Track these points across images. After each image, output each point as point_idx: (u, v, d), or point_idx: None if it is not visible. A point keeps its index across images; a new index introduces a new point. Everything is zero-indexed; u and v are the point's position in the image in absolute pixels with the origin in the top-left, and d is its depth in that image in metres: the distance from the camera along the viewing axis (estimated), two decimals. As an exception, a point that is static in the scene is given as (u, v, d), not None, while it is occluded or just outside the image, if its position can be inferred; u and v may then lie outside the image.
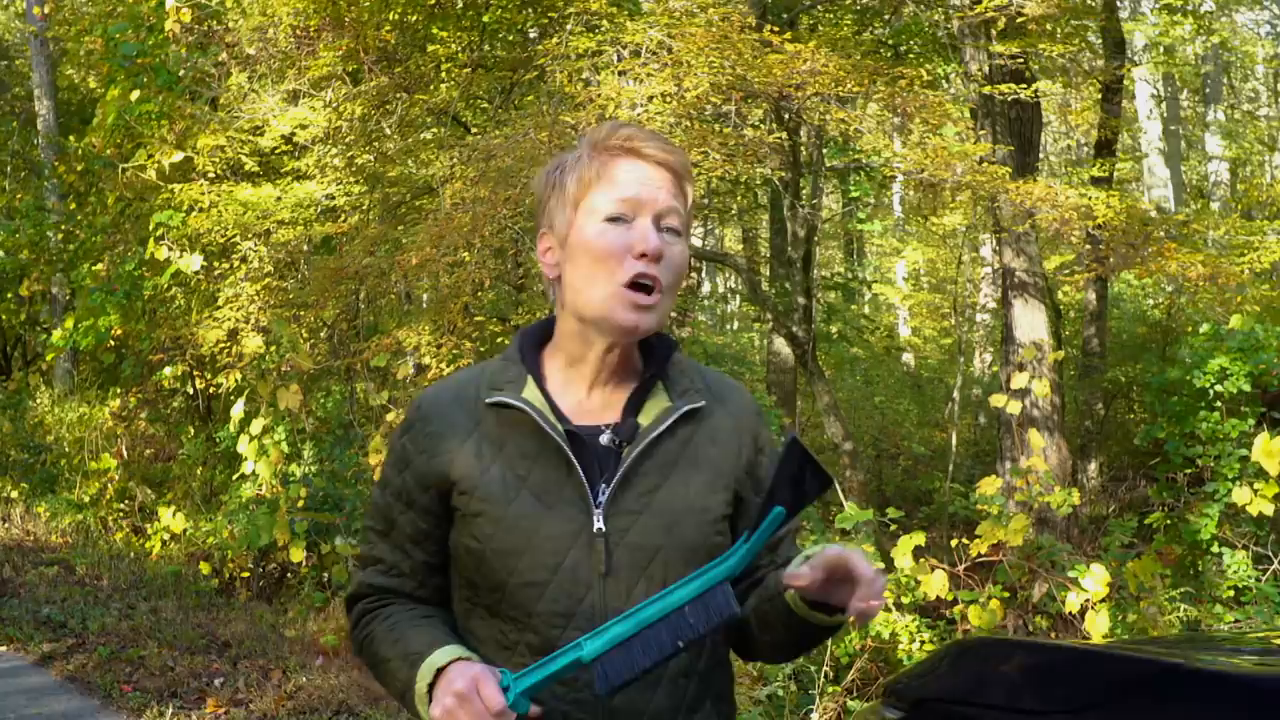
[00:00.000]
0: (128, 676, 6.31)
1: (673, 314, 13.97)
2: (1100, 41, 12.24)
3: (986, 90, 8.81)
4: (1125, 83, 18.70)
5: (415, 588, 1.78)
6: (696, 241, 20.25)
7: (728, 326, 25.39)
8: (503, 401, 1.68)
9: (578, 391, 1.73)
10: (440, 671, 1.59)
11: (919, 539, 6.49)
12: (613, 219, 1.66)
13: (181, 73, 10.12)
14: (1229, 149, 19.34)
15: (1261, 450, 7.27)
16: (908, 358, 19.93)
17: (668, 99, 7.30)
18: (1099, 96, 12.38)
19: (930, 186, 9.16)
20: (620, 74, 7.52)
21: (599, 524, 1.64)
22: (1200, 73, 19.57)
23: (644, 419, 1.71)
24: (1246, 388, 7.60)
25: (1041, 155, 24.18)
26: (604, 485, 1.66)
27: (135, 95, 10.10)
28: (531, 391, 1.70)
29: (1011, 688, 1.84)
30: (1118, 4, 15.26)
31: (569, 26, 8.02)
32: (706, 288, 22.07)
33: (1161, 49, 17.23)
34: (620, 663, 1.52)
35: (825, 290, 19.29)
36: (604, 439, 1.69)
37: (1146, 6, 17.52)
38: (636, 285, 1.64)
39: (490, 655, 1.67)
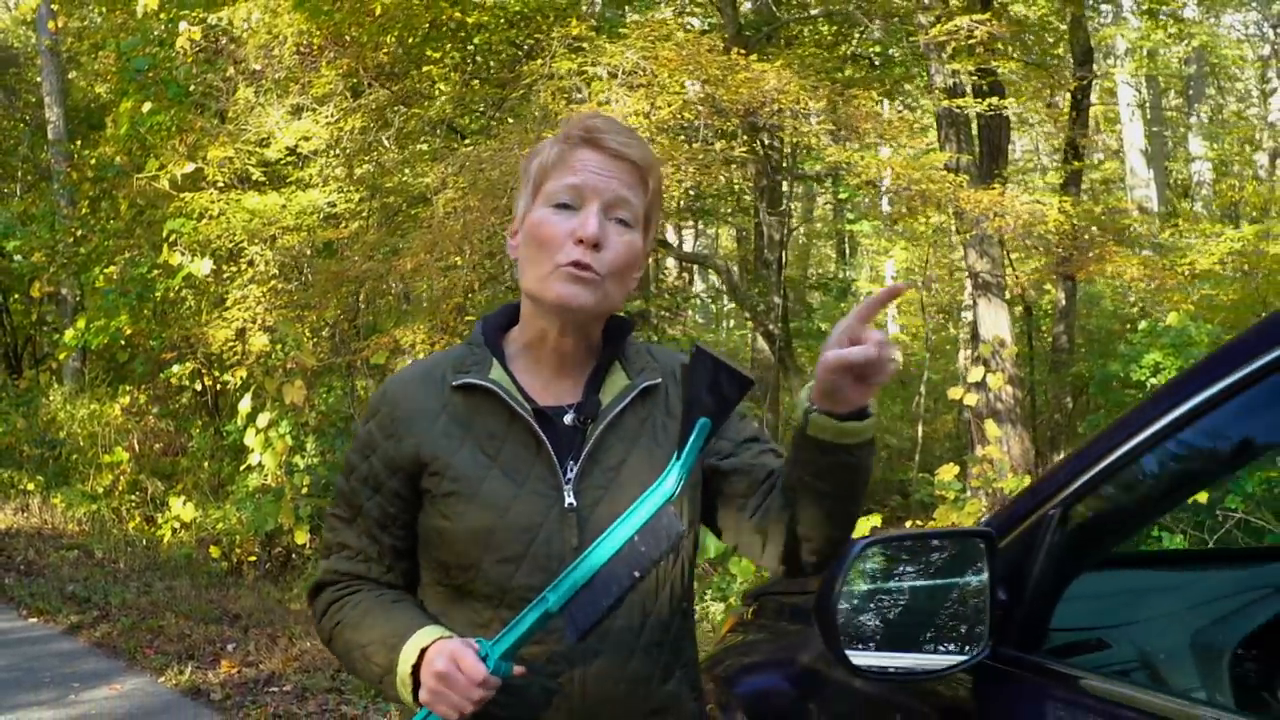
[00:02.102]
0: (149, 642, 7.09)
1: (664, 312, 14.73)
2: (1069, 51, 12.99)
3: (945, 104, 9.56)
4: (1107, 84, 19.45)
5: (383, 573, 1.81)
6: (688, 243, 20.96)
7: (724, 324, 26.14)
8: (470, 383, 1.73)
9: (540, 373, 1.78)
10: (424, 652, 1.62)
11: (875, 520, 7.26)
12: (561, 205, 1.69)
13: (191, 87, 10.88)
14: (1210, 150, 20.02)
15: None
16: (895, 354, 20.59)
17: (642, 116, 8.06)
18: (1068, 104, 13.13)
19: (896, 193, 9.87)
20: (598, 94, 8.25)
21: (570, 499, 1.68)
22: (1183, 75, 20.27)
23: (605, 396, 1.76)
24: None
25: (1028, 160, 24.91)
26: (571, 462, 1.71)
27: (147, 107, 10.85)
28: (498, 373, 1.75)
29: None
30: (1092, 12, 16.04)
31: (553, 48, 8.77)
32: (700, 286, 22.77)
33: (1144, 52, 17.97)
34: (585, 606, 1.56)
35: (811, 290, 20.08)
36: (568, 418, 1.74)
37: (1129, 11, 18.20)
38: (574, 267, 1.68)
39: (464, 635, 1.68)
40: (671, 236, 18.92)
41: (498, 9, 9.63)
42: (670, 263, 18.94)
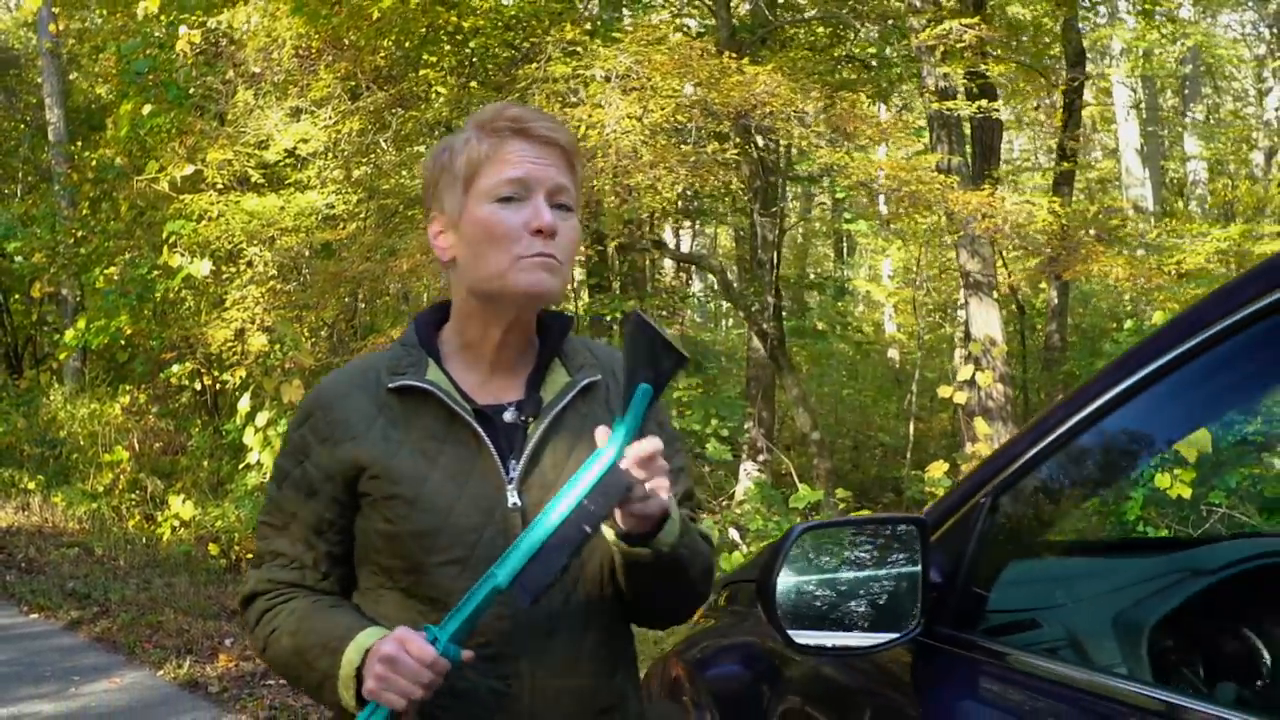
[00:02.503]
0: (148, 637, 7.24)
1: (662, 312, 14.82)
2: (1061, 52, 13.13)
3: (935, 106, 9.69)
4: (1103, 84, 19.59)
5: (318, 580, 1.78)
6: (685, 243, 21.08)
7: (723, 323, 26.29)
8: (408, 385, 1.72)
9: (478, 372, 1.77)
10: (368, 651, 1.60)
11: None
12: (505, 199, 1.69)
13: (191, 90, 11.03)
14: (1206, 149, 20.16)
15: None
16: (893, 353, 20.80)
17: (635, 119, 8.20)
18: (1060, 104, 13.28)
19: (888, 195, 10.01)
20: (590, 98, 8.39)
21: (514, 499, 1.69)
22: (1179, 75, 20.42)
23: (546, 394, 1.76)
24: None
25: (1026, 158, 25.04)
26: (514, 461, 1.71)
27: (147, 109, 11.00)
28: (435, 373, 1.74)
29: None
30: (1089, 11, 16.18)
31: (548, 52, 8.91)
32: (698, 285, 22.92)
33: (1140, 52, 18.11)
34: (536, 572, 1.56)
35: (806, 288, 20.21)
36: (508, 416, 1.74)
37: (1124, 11, 18.34)
38: (538, 257, 1.68)
39: None
40: (669, 236, 19.08)
41: (493, 12, 9.76)
42: (668, 262, 19.09)
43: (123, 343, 12.53)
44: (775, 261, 11.69)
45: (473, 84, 10.70)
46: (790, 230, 24.48)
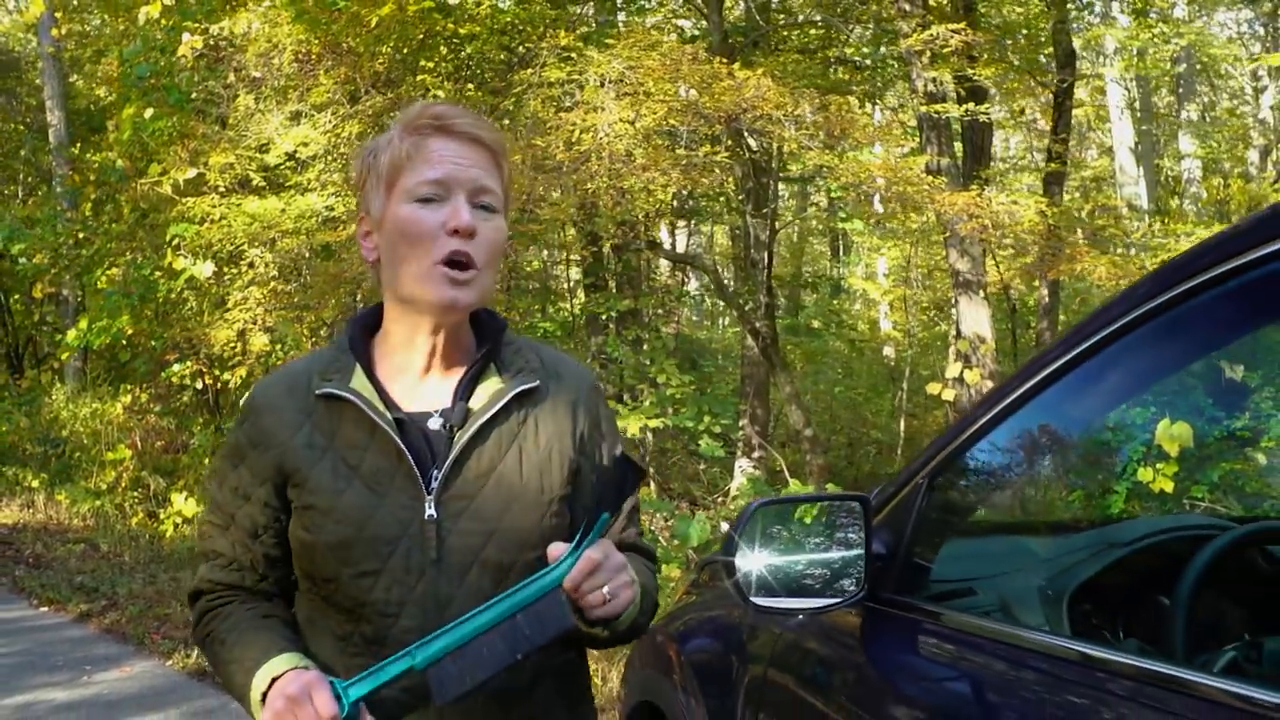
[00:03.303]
0: (156, 629, 7.51)
1: (659, 311, 15.06)
2: (1052, 53, 13.38)
3: (923, 109, 9.95)
4: (1098, 83, 19.85)
5: (256, 581, 1.79)
6: (681, 242, 21.33)
7: (720, 321, 26.55)
8: (330, 393, 1.70)
9: (409, 377, 1.75)
10: (275, 681, 1.60)
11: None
12: (425, 200, 1.67)
13: (192, 94, 11.28)
14: (1200, 148, 20.43)
15: (1161, 434, 8.47)
16: (889, 351, 21.07)
17: (628, 123, 8.45)
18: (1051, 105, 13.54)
19: (875, 195, 10.27)
20: (585, 103, 8.64)
21: (430, 510, 1.66)
22: (1173, 73, 20.66)
23: (475, 403, 1.73)
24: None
25: (1023, 155, 25.25)
26: (435, 471, 1.68)
27: (149, 113, 11.25)
28: (360, 380, 1.72)
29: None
30: (1082, 9, 16.42)
31: (543, 58, 9.17)
32: (694, 285, 23.17)
33: (1134, 51, 18.36)
34: (454, 673, 1.56)
35: (800, 287, 20.45)
36: (433, 424, 1.72)
37: (1118, 10, 18.59)
38: (451, 263, 1.66)
39: (328, 647, 1.71)
40: (665, 236, 19.33)
41: (489, 19, 10.02)
42: (664, 262, 19.34)
43: (124, 343, 12.78)
44: (767, 261, 11.94)
45: (469, 87, 10.97)
46: (785, 229, 24.76)
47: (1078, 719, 1.54)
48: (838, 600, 2.05)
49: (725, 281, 19.58)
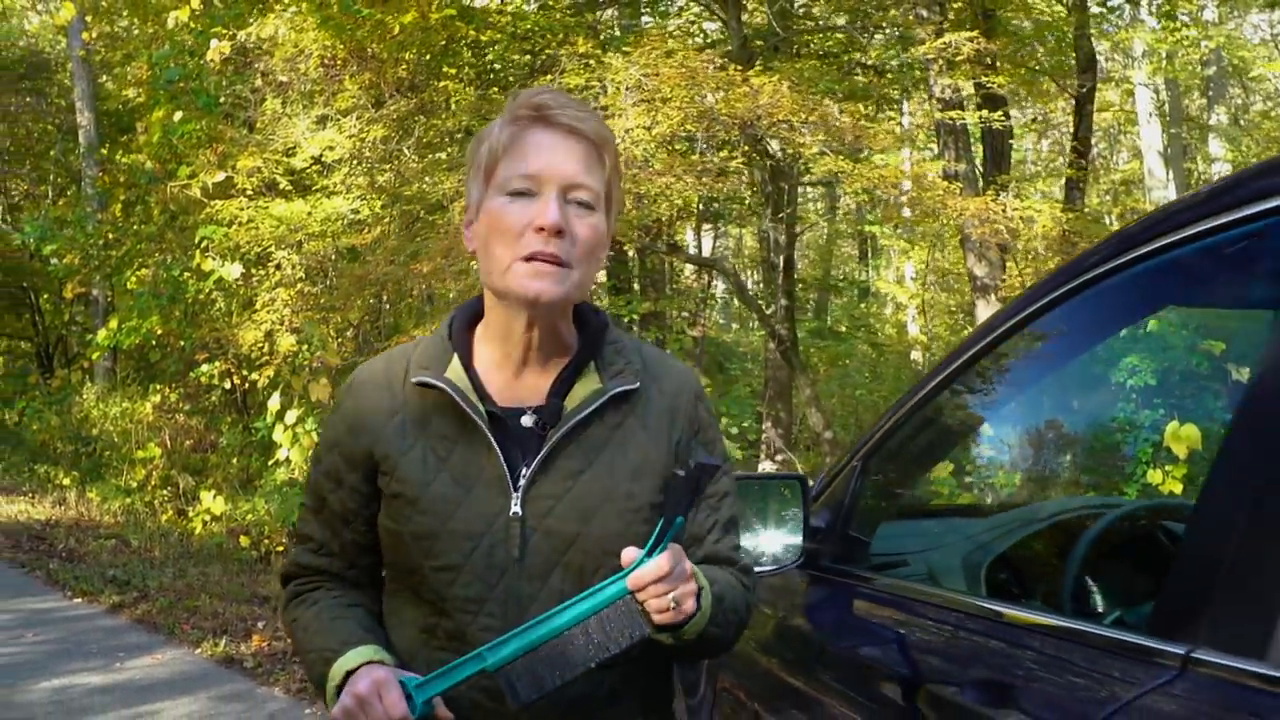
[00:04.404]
0: (186, 619, 7.93)
1: (683, 314, 15.37)
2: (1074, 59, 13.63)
3: (938, 116, 10.27)
4: (1126, 86, 20.04)
5: (344, 568, 1.81)
6: (707, 245, 21.65)
7: (749, 323, 26.87)
8: (425, 381, 1.70)
9: (506, 371, 1.73)
10: (350, 675, 1.61)
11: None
12: (517, 193, 1.64)
13: (220, 98, 11.72)
14: (1231, 151, 20.59)
15: (1170, 436, 8.75)
16: (916, 355, 21.34)
17: (644, 129, 8.81)
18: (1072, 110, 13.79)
19: (888, 202, 10.59)
20: (604, 108, 9.01)
21: (515, 508, 1.65)
22: (1203, 76, 20.85)
23: (570, 401, 1.71)
24: (1154, 382, 9.03)
25: (1053, 158, 25.40)
26: (525, 469, 1.67)
27: (178, 116, 11.68)
28: (455, 371, 1.71)
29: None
30: (1109, 13, 16.64)
31: (562, 65, 9.55)
32: (721, 288, 23.52)
33: (1163, 55, 18.56)
34: (528, 676, 1.56)
35: (825, 290, 20.74)
36: (526, 420, 1.70)
37: (1146, 13, 18.79)
38: (535, 259, 1.63)
39: (412, 639, 1.72)
40: (690, 238, 19.68)
41: (509, 26, 10.40)
42: (689, 265, 19.70)
43: (154, 343, 13.22)
44: (787, 265, 12.28)
45: (493, 91, 11.37)
46: (812, 232, 25.03)
47: (985, 662, 1.86)
48: (774, 567, 2.40)
49: (750, 284, 19.91)
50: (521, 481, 1.66)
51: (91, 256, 14.45)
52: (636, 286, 15.26)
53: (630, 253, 13.35)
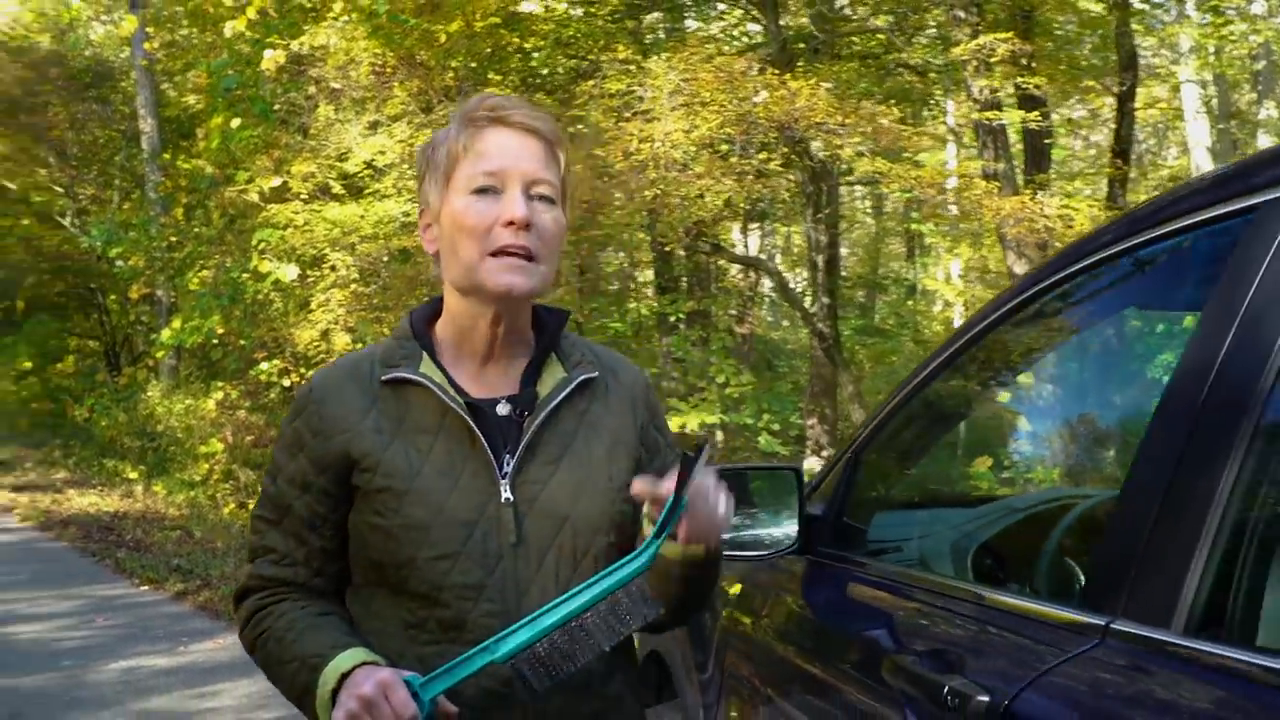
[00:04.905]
0: (246, 607, 8.22)
1: (731, 312, 15.53)
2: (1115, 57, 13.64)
3: (975, 116, 10.35)
4: (1173, 81, 19.91)
5: (310, 576, 1.77)
6: (754, 243, 21.76)
7: (797, 322, 26.93)
8: (400, 377, 1.72)
9: (471, 366, 1.77)
10: (345, 676, 1.58)
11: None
12: (481, 190, 1.68)
13: (276, 106, 12.02)
14: None
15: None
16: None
17: (684, 133, 8.98)
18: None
19: (924, 201, 10.68)
20: (644, 113, 9.19)
21: (506, 494, 1.68)
22: (1252, 71, 20.67)
23: (542, 389, 1.75)
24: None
25: (1102, 154, 25.24)
26: (508, 455, 1.70)
27: (236, 123, 12.00)
28: (428, 366, 1.73)
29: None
30: (1155, 8, 16.60)
31: (604, 70, 9.74)
32: (768, 285, 23.63)
33: (1210, 50, 18.46)
34: (539, 666, 1.56)
35: (869, 287, 20.79)
36: (502, 410, 1.73)
37: (1192, 8, 18.67)
38: (505, 253, 1.67)
39: (396, 637, 1.69)
40: (737, 236, 19.82)
41: (552, 33, 10.61)
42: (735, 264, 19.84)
43: (215, 342, 13.57)
44: (828, 264, 12.40)
45: (539, 95, 11.59)
46: (860, 229, 25.08)
47: (966, 641, 2.01)
48: (771, 551, 2.58)
49: (799, 282, 20.02)
50: (508, 468, 1.69)
51: (155, 259, 14.82)
52: (684, 286, 15.41)
53: (678, 252, 13.51)
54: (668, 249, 12.20)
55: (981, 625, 1.93)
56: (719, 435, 12.90)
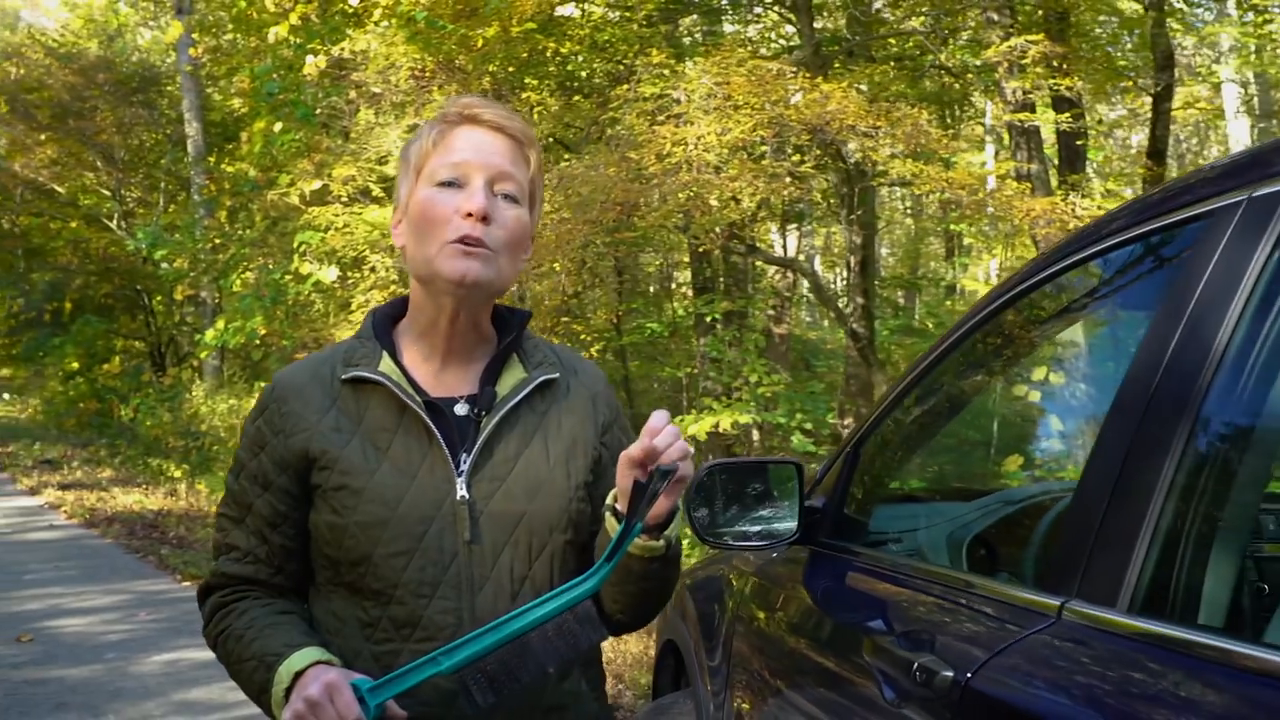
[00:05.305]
0: (285, 603, 8.42)
1: (769, 311, 15.63)
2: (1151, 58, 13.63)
3: (1006, 117, 10.40)
4: (1214, 79, 19.81)
5: (271, 574, 1.79)
6: (786, 246, 21.84)
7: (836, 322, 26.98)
8: (359, 376, 1.74)
9: (432, 364, 1.79)
10: (298, 675, 1.61)
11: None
12: (445, 183, 1.71)
13: (317, 110, 12.25)
14: (1323, 144, 20.18)
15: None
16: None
17: (716, 136, 9.09)
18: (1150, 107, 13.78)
19: (954, 203, 10.72)
20: (677, 116, 9.31)
21: (462, 491, 1.70)
22: (1294, 68, 20.50)
23: (501, 388, 1.77)
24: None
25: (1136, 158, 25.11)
26: (465, 454, 1.72)
27: (278, 127, 12.23)
28: (387, 365, 1.75)
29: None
30: (1196, 6, 16.54)
31: (638, 75, 9.88)
32: (806, 284, 23.70)
33: (1251, 48, 18.34)
34: (484, 680, 1.57)
35: (905, 287, 20.81)
36: (460, 409, 1.76)
37: (1232, 7, 18.57)
38: (462, 243, 1.69)
39: (353, 636, 1.72)
40: (775, 237, 19.91)
41: (587, 37, 10.76)
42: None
43: (258, 342, 13.80)
44: (863, 264, 12.48)
45: (578, 98, 11.74)
46: (900, 229, 25.09)
47: (939, 623, 2.12)
48: (772, 541, 2.70)
49: (835, 283, 20.05)
50: (464, 466, 1.72)
51: (199, 260, 15.11)
52: (721, 286, 15.50)
53: (715, 253, 13.62)
54: (701, 250, 12.31)
55: (957, 608, 2.04)
56: (755, 435, 13.00)
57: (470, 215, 1.68)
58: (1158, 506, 1.57)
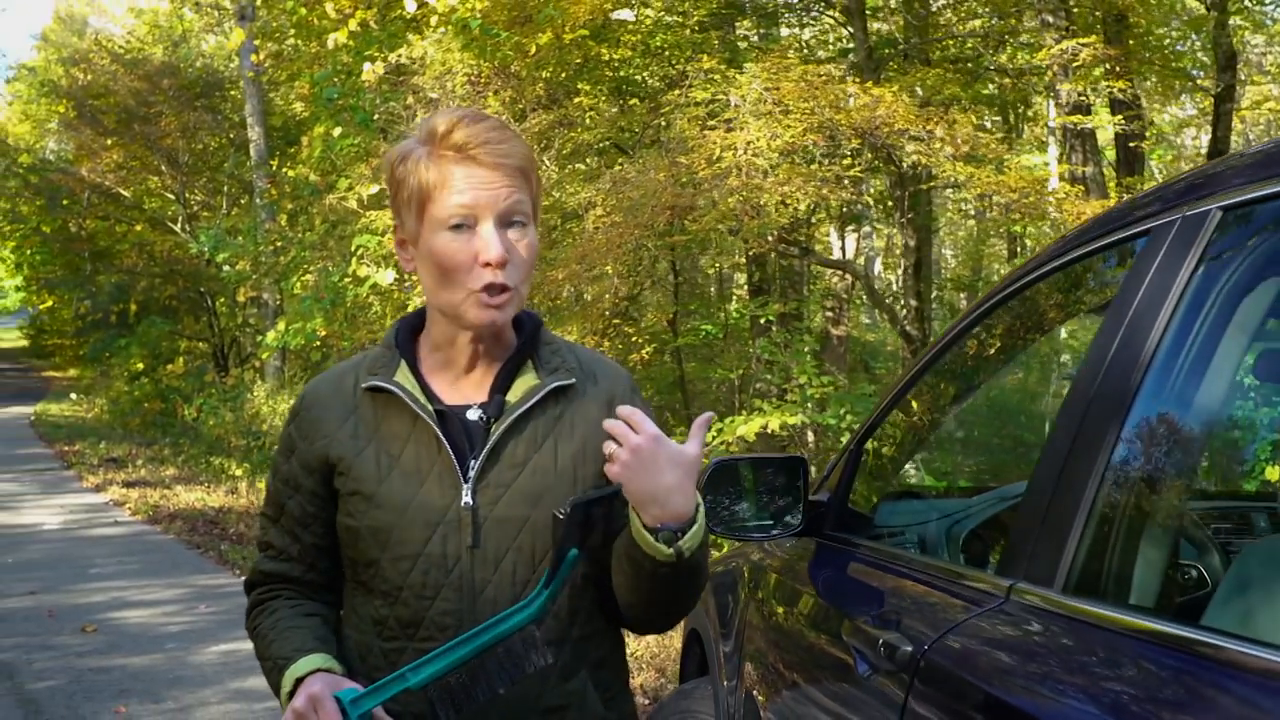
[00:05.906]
0: (339, 598, 8.72)
1: (827, 313, 15.76)
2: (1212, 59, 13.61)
3: (1059, 120, 10.50)
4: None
5: (304, 571, 1.90)
6: (845, 248, 21.92)
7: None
8: (376, 385, 1.82)
9: (451, 373, 1.86)
10: (300, 682, 1.71)
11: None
12: (456, 227, 1.73)
13: (375, 115, 12.56)
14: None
15: None
16: (1066, 357, 21.14)
17: (767, 140, 9.26)
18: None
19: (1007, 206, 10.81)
20: (727, 121, 9.49)
21: (466, 498, 1.76)
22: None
23: (512, 396, 1.83)
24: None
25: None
26: (473, 460, 1.78)
27: (337, 132, 12.54)
28: (404, 374, 1.82)
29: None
30: (1259, 4, 16.44)
31: (689, 80, 10.09)
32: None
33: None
34: (448, 697, 1.68)
35: (971, 289, 20.79)
36: (472, 415, 1.82)
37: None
38: (487, 292, 1.73)
39: (368, 632, 1.82)
40: (834, 240, 20.01)
41: (641, 44, 10.98)
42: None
43: (318, 343, 14.12)
44: (916, 267, 12.60)
45: (633, 101, 11.97)
46: (960, 230, 25.03)
47: (909, 605, 2.30)
48: (777, 532, 2.90)
49: (895, 285, 20.09)
50: (471, 473, 1.77)
51: (261, 263, 15.46)
52: (777, 289, 15.64)
53: (772, 255, 13.77)
54: (752, 253, 12.49)
55: (930, 592, 2.24)
56: (809, 436, 13.13)
57: (489, 264, 1.72)
58: (1091, 496, 1.75)
